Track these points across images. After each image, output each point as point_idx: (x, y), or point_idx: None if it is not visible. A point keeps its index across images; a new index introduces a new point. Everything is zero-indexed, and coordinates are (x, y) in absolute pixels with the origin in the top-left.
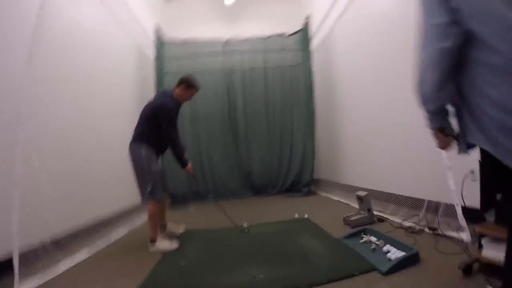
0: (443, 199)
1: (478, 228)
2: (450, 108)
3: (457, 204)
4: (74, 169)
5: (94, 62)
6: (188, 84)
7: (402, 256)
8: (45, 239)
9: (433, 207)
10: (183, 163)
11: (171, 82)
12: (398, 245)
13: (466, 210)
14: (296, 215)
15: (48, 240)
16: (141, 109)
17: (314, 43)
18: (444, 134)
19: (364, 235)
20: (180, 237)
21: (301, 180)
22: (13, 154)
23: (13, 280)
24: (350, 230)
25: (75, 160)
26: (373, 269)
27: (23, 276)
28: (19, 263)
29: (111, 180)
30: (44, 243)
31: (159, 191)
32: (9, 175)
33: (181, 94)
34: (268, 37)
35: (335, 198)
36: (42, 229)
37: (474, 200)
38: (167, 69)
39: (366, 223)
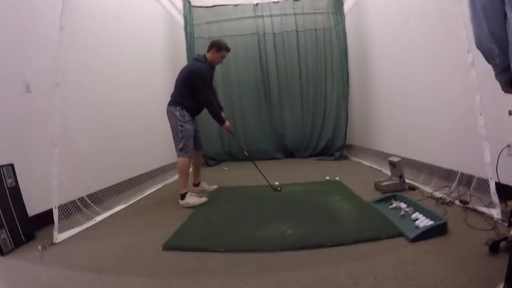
0: (477, 172)
1: (510, 203)
2: None
3: (491, 179)
4: (111, 130)
5: (124, 29)
6: (218, 47)
7: (430, 224)
8: (83, 194)
9: (466, 180)
10: (221, 122)
11: (202, 47)
12: (427, 214)
13: (500, 187)
14: (327, 178)
15: (85, 195)
16: (174, 74)
17: (347, 5)
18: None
19: (394, 201)
20: (212, 194)
21: (333, 145)
22: (51, 113)
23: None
24: (380, 195)
25: (112, 121)
26: (400, 234)
27: (63, 226)
28: (59, 215)
29: (147, 140)
30: (83, 198)
31: (189, 149)
32: (49, 133)
33: (213, 58)
34: (299, 0)
35: (367, 163)
36: (81, 185)
37: (508, 177)
38: (197, 34)
39: (397, 190)
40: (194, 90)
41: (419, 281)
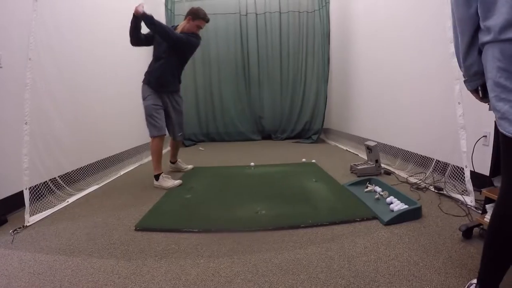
0: (452, 161)
1: (485, 191)
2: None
3: (466, 167)
4: (85, 109)
5: (102, 3)
6: (194, 15)
7: (405, 208)
8: (55, 174)
9: (441, 167)
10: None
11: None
12: (402, 198)
13: (474, 175)
14: (304, 160)
15: (58, 175)
16: (151, 52)
17: None
18: (478, 95)
19: (369, 185)
20: (187, 173)
21: (311, 128)
22: (21, 92)
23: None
24: (355, 178)
25: (87, 99)
26: (374, 217)
27: (35, 209)
28: (30, 197)
29: (123, 120)
30: (55, 178)
31: (155, 127)
32: (20, 111)
33: (187, 27)
34: None
35: (344, 147)
36: (53, 165)
37: (482, 167)
38: (178, 11)
39: (372, 174)
40: (157, 52)
41: (393, 263)
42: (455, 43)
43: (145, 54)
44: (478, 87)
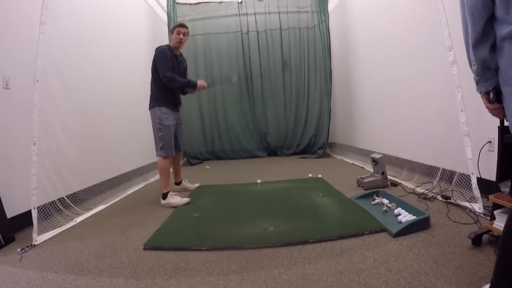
0: (458, 168)
1: (492, 197)
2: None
3: (472, 174)
4: (92, 129)
5: (107, 26)
6: (171, 29)
7: (413, 219)
8: (63, 194)
9: (448, 175)
10: (191, 84)
11: (185, 44)
12: (410, 209)
13: (481, 182)
14: (310, 175)
15: (65, 195)
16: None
17: (331, 4)
18: (488, 100)
19: (376, 197)
20: (194, 192)
21: (316, 142)
22: (30, 111)
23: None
24: (362, 192)
25: (93, 120)
26: (382, 229)
27: (43, 228)
28: (38, 216)
29: (129, 139)
30: (63, 198)
31: (169, 148)
32: (28, 132)
33: (173, 41)
34: None
35: (350, 161)
36: (61, 185)
37: (488, 173)
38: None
39: (379, 186)
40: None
41: (403, 275)
42: (465, 37)
43: (148, 79)
44: (490, 89)
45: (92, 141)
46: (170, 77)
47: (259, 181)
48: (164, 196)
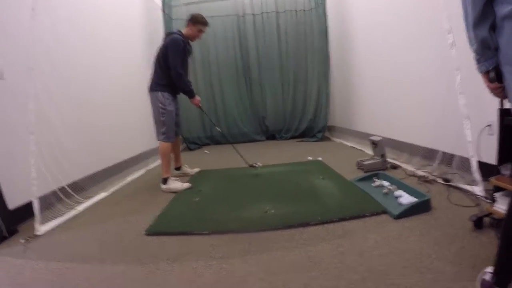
0: (458, 151)
1: (493, 179)
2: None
3: (472, 156)
4: (89, 117)
5: (100, 11)
6: (194, 21)
7: (415, 201)
8: (63, 183)
9: (448, 158)
10: (191, 94)
11: (180, 29)
12: (411, 191)
13: (481, 165)
14: (310, 158)
15: (66, 184)
16: (151, 57)
17: None
18: (489, 80)
19: (376, 179)
20: (194, 177)
21: (315, 126)
22: (26, 103)
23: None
24: (363, 174)
25: (90, 107)
26: (384, 211)
27: (45, 218)
28: (40, 206)
29: (127, 126)
30: (63, 187)
31: (171, 133)
32: (25, 122)
33: (190, 33)
34: None
35: (349, 144)
36: (61, 174)
37: (489, 156)
38: (175, 15)
39: (379, 168)
40: (169, 67)
41: (405, 256)
42: (465, 17)
43: (145, 65)
44: (491, 69)
45: (89, 129)
46: (181, 74)
47: (259, 163)
48: (165, 181)
